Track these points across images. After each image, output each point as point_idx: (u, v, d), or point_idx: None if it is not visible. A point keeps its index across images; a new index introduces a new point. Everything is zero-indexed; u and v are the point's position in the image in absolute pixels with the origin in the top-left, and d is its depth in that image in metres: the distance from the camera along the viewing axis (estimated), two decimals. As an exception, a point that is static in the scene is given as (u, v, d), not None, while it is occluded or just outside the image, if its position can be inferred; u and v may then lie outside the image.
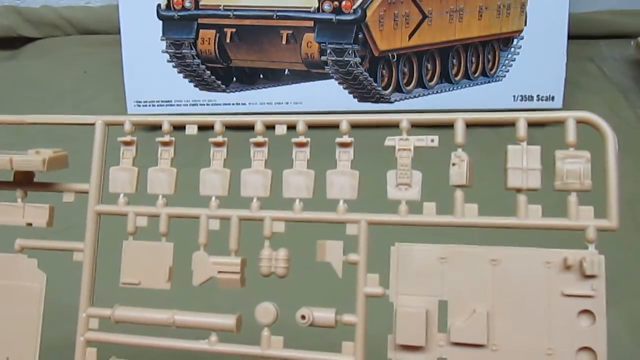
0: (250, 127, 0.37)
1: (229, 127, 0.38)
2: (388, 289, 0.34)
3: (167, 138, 0.38)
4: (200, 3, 0.86)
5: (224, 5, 0.85)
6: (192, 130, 0.37)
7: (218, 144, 0.37)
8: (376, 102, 0.86)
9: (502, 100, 0.85)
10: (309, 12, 0.83)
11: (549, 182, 0.33)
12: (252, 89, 0.88)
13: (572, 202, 0.32)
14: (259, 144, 0.37)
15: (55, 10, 1.12)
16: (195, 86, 0.88)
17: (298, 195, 0.36)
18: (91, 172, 0.38)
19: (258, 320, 0.35)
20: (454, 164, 0.34)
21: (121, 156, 0.38)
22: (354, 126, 0.36)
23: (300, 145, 0.36)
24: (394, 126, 0.35)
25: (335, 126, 0.36)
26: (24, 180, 0.40)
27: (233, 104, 0.88)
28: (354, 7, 0.81)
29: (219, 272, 0.36)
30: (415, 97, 0.86)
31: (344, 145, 0.36)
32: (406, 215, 0.34)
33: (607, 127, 0.32)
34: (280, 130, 0.36)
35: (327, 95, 0.86)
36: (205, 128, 0.38)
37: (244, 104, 0.88)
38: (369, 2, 0.81)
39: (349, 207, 0.35)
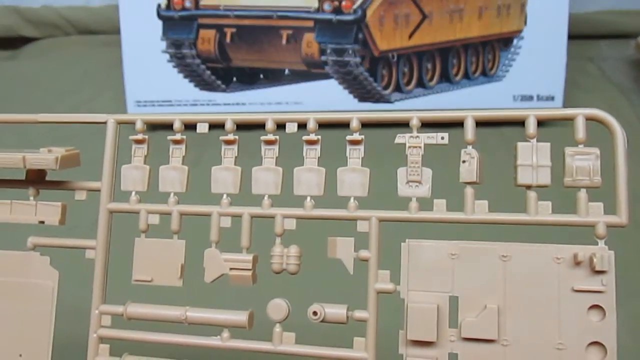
0: (259, 126, 0.37)
1: (237, 127, 0.38)
2: (399, 285, 0.34)
3: (178, 136, 0.38)
4: (200, 3, 0.86)
5: (224, 5, 0.85)
6: (203, 128, 0.38)
7: (229, 142, 0.37)
8: (376, 102, 0.86)
9: (502, 100, 0.86)
10: (309, 12, 0.83)
11: (555, 179, 0.33)
12: (252, 89, 0.88)
13: (581, 198, 0.33)
14: (269, 142, 0.37)
15: (55, 10, 1.12)
16: (195, 86, 0.88)
17: (309, 192, 0.36)
18: (103, 171, 0.39)
19: (270, 316, 0.36)
20: (464, 161, 0.34)
21: (132, 154, 0.38)
22: (364, 124, 0.36)
23: (311, 143, 0.36)
24: (402, 124, 0.36)
25: (345, 124, 0.36)
26: (37, 179, 0.40)
27: (233, 104, 0.88)
28: (354, 7, 0.82)
29: (231, 269, 0.36)
30: (415, 97, 0.86)
31: (354, 142, 0.36)
32: (417, 212, 0.35)
33: (616, 123, 0.32)
34: (291, 128, 0.37)
35: (327, 95, 0.86)
36: (210, 127, 0.38)
37: (244, 104, 0.88)
38: (369, 2, 0.81)
39: (360, 204, 0.36)
